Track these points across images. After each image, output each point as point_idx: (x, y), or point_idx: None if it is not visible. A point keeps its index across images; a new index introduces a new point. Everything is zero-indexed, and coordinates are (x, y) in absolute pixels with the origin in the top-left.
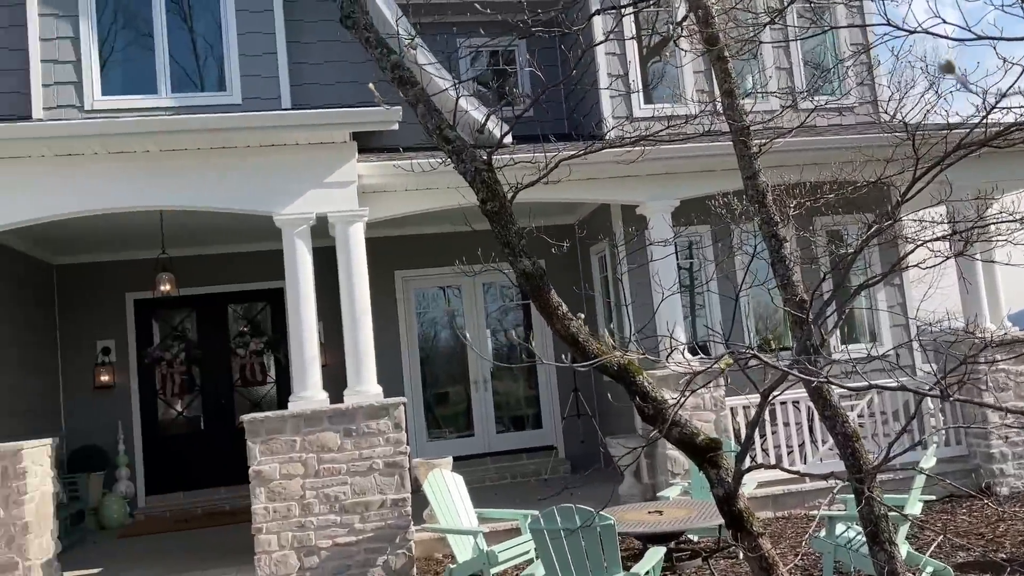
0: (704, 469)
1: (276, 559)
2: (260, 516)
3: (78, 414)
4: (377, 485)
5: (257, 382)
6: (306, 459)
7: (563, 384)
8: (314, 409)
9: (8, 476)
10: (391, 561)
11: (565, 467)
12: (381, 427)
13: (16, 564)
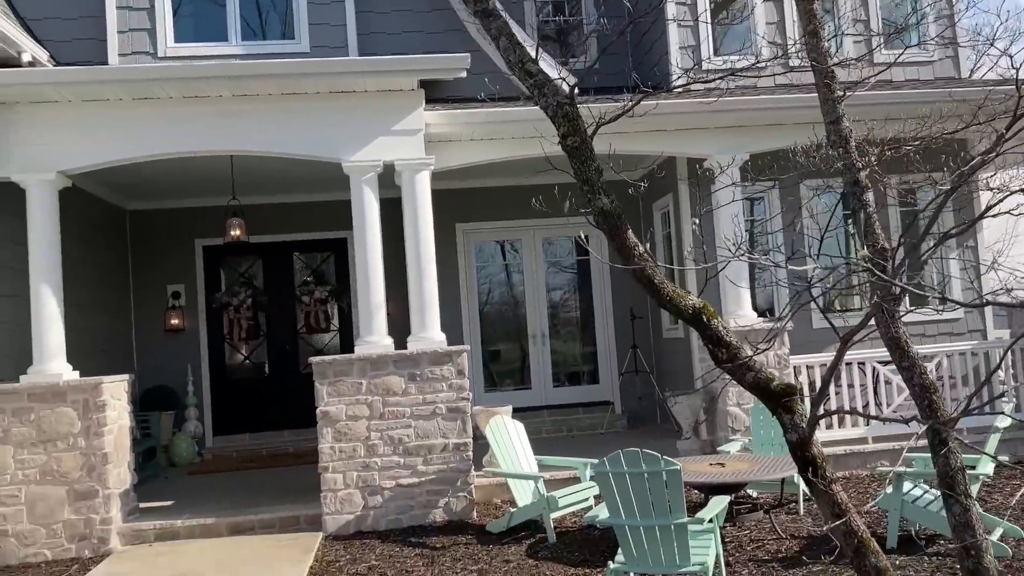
0: (778, 415)
1: (341, 497)
2: (326, 455)
3: (150, 355)
4: (440, 429)
5: (321, 329)
6: (371, 402)
7: (621, 341)
8: (380, 353)
9: (89, 408)
10: (452, 503)
11: (621, 422)
12: (444, 373)
13: (96, 492)
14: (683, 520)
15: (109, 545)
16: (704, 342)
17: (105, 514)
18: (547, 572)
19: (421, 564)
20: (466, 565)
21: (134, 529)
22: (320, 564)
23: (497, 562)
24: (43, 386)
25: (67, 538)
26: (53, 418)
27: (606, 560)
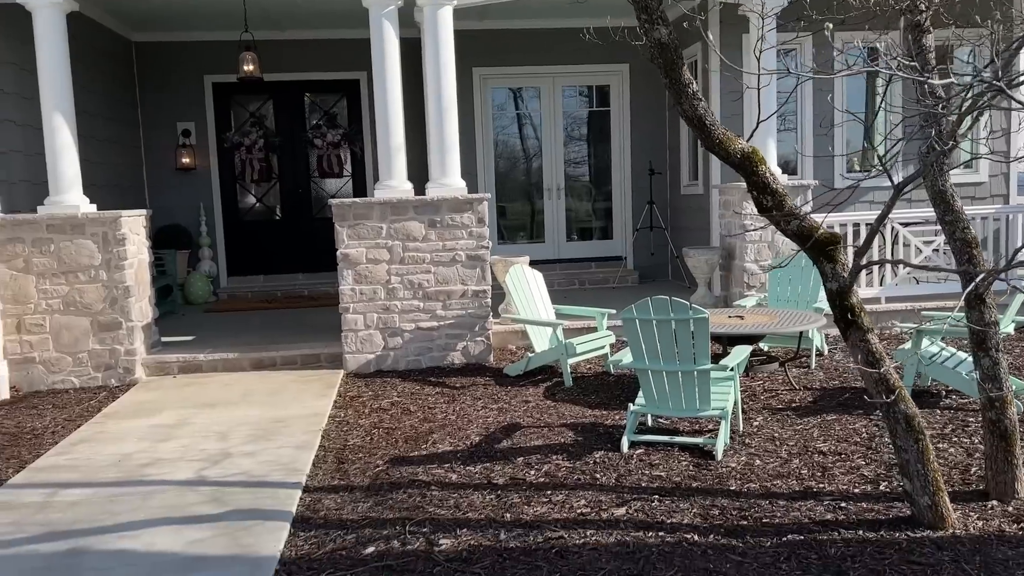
0: (819, 263)
1: (362, 337)
2: (347, 297)
3: (162, 194)
4: (459, 276)
5: (334, 174)
6: (391, 246)
7: (637, 197)
8: (400, 198)
9: (108, 242)
10: (470, 347)
11: (633, 277)
12: (464, 221)
13: (119, 324)
14: (707, 367)
15: (135, 375)
16: (749, 188)
17: (129, 345)
18: (565, 412)
19: (442, 401)
20: (486, 403)
21: (158, 361)
22: (344, 398)
23: (516, 401)
24: (61, 217)
25: (93, 367)
26: (73, 250)
27: (622, 403)
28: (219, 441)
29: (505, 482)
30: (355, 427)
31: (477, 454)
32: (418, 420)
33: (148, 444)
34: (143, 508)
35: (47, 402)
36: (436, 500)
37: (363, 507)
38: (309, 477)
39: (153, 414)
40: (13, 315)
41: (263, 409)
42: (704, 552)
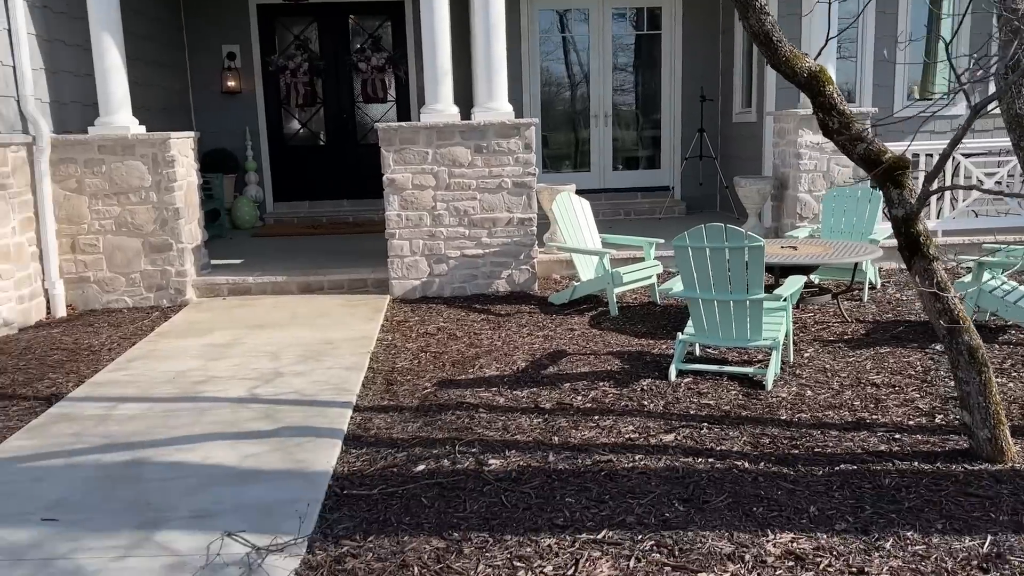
0: (886, 189)
1: (408, 263)
2: (393, 222)
3: (208, 117)
4: (505, 203)
5: (378, 99)
6: (437, 172)
7: (687, 125)
8: (446, 122)
9: (158, 163)
10: (515, 275)
11: (680, 208)
12: (511, 146)
13: (170, 245)
14: (760, 296)
15: (186, 296)
16: (815, 110)
17: (180, 267)
18: (611, 340)
19: (488, 327)
20: (531, 331)
21: (208, 283)
22: (390, 323)
23: (561, 329)
24: (112, 138)
25: (145, 288)
26: (124, 171)
27: (668, 333)
28: (270, 361)
29: (552, 407)
30: (403, 351)
31: (523, 379)
32: (464, 345)
33: (202, 363)
34: (198, 423)
35: (102, 320)
36: (484, 422)
37: (412, 427)
38: (359, 397)
39: (205, 334)
40: (68, 235)
41: (312, 331)
42: (755, 479)
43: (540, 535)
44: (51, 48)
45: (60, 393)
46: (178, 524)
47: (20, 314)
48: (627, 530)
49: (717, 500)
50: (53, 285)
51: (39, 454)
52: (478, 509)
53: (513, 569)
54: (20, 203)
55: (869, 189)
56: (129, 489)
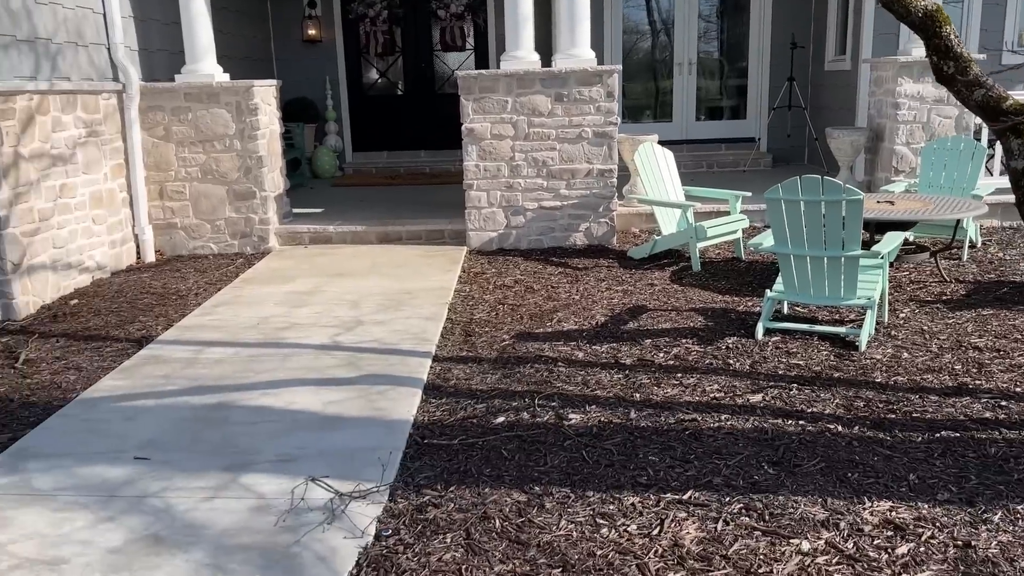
0: (1005, 139)
1: (485, 215)
2: (471, 173)
3: (289, 66)
4: (585, 154)
5: (456, 47)
6: (516, 121)
7: (775, 74)
8: (527, 70)
9: (242, 111)
10: (593, 228)
11: (766, 160)
12: (593, 95)
13: (254, 193)
14: (857, 253)
15: (268, 244)
16: (928, 53)
17: (263, 215)
18: (693, 296)
19: (565, 281)
20: (610, 285)
21: (290, 231)
22: (468, 274)
23: (641, 284)
24: (198, 86)
25: (230, 235)
26: (209, 118)
27: (753, 290)
28: (351, 309)
29: (633, 363)
30: (480, 302)
31: (603, 334)
32: (542, 298)
33: (284, 309)
34: (282, 369)
35: (189, 266)
36: (563, 376)
37: (492, 379)
38: (438, 347)
39: (287, 281)
40: (156, 182)
41: (391, 281)
42: (848, 443)
43: (623, 493)
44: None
45: (150, 336)
46: (263, 467)
47: (112, 258)
48: (714, 491)
49: (809, 464)
50: (143, 231)
51: (131, 394)
52: (559, 464)
53: (596, 526)
54: (111, 150)
55: (972, 141)
56: (216, 431)
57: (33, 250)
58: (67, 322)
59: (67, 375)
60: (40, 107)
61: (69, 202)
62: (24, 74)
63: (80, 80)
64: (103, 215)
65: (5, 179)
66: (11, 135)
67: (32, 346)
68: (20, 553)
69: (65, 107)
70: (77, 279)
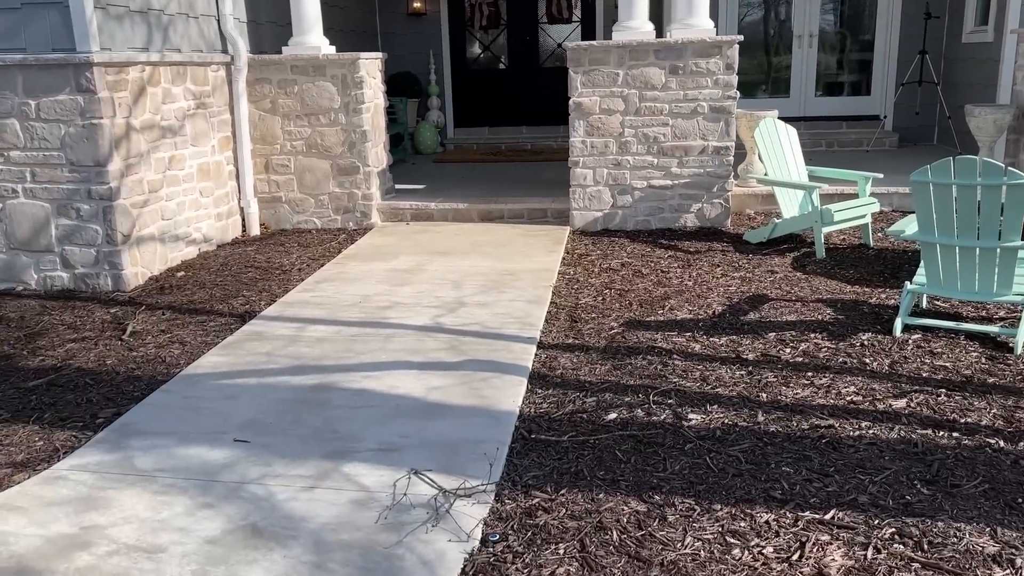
0: None
1: (590, 193)
2: (577, 150)
3: (392, 40)
4: (699, 130)
5: (562, 19)
6: (627, 95)
7: (905, 47)
8: (640, 40)
9: (347, 84)
10: (705, 209)
11: (892, 140)
12: (711, 67)
13: (357, 168)
14: (1016, 244)
15: (371, 220)
16: None
17: (366, 190)
18: (818, 286)
19: (676, 265)
20: (726, 271)
21: (392, 207)
22: (572, 255)
23: (760, 271)
24: (304, 58)
25: (333, 210)
26: (314, 91)
27: (885, 280)
28: (453, 289)
29: (756, 358)
30: (586, 285)
31: (721, 325)
32: (651, 284)
33: (386, 287)
34: (384, 350)
35: (292, 240)
36: (679, 370)
37: (601, 369)
38: (543, 333)
39: (389, 258)
40: (261, 155)
41: (493, 260)
42: (1015, 462)
43: (755, 508)
44: None
45: (253, 311)
46: (364, 456)
47: (219, 231)
48: (860, 512)
49: (969, 485)
50: (248, 204)
51: (233, 371)
52: (680, 470)
53: (726, 546)
54: (219, 122)
55: None
56: (317, 415)
57: (142, 222)
58: (173, 294)
59: (171, 349)
60: (151, 78)
61: (177, 174)
62: (136, 45)
63: (190, 52)
64: (210, 187)
65: (116, 151)
66: (123, 106)
67: (139, 318)
68: (119, 538)
69: (175, 79)
70: (184, 251)
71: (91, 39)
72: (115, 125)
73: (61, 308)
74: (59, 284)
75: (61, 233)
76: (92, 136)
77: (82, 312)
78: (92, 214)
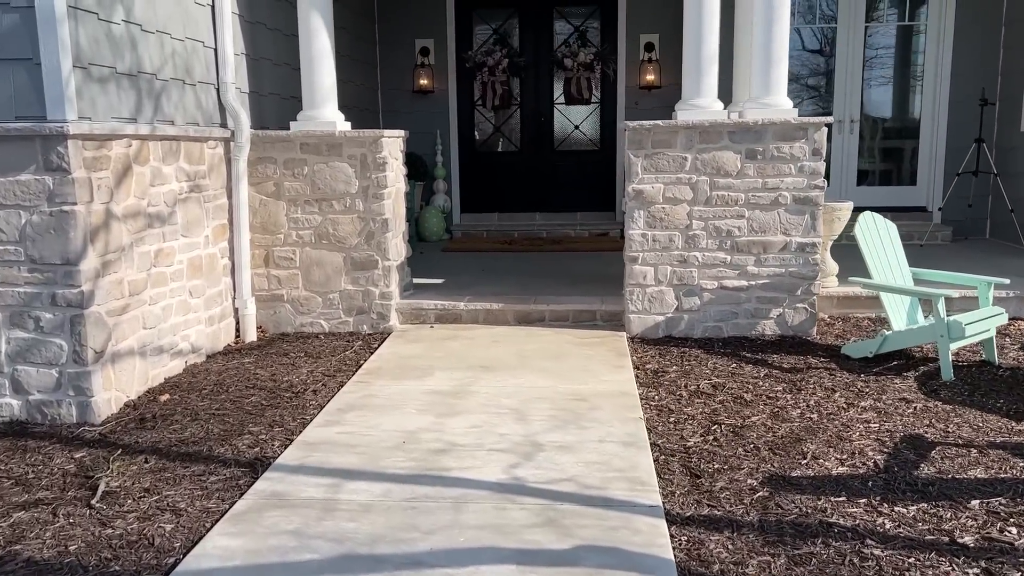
0: None
1: (651, 295)
2: (637, 244)
3: (396, 118)
4: (781, 223)
5: (582, 100)
6: (696, 182)
7: (953, 134)
8: (713, 120)
9: (367, 166)
10: (787, 315)
11: (944, 234)
12: (795, 152)
13: (375, 262)
14: None
15: (389, 322)
16: None
17: (385, 288)
18: (977, 422)
19: (780, 387)
20: (848, 398)
21: (412, 307)
22: (644, 372)
23: (889, 398)
24: (317, 135)
25: (344, 310)
26: (328, 173)
27: None
28: (517, 422)
29: (977, 543)
30: (684, 417)
31: (895, 484)
32: (766, 416)
33: (432, 419)
34: (457, 525)
35: (297, 348)
36: (885, 564)
37: (777, 566)
38: (662, 495)
39: (423, 375)
40: (261, 246)
41: (552, 379)
42: None
43: None
44: (253, 31)
45: (265, 456)
46: None
47: (209, 338)
48: None
49: None
50: (244, 304)
51: (254, 567)
52: None
53: None
54: (215, 208)
55: None
56: None
57: (120, 332)
58: (158, 430)
59: (161, 522)
60: (139, 155)
61: (165, 271)
62: (123, 115)
63: (185, 124)
64: (201, 286)
65: (92, 245)
66: (103, 189)
67: (114, 468)
68: None
69: (167, 156)
70: (169, 365)
71: (67, 105)
72: (92, 212)
73: (8, 451)
74: (7, 415)
75: (14, 349)
76: (62, 226)
77: (36, 457)
78: (56, 325)
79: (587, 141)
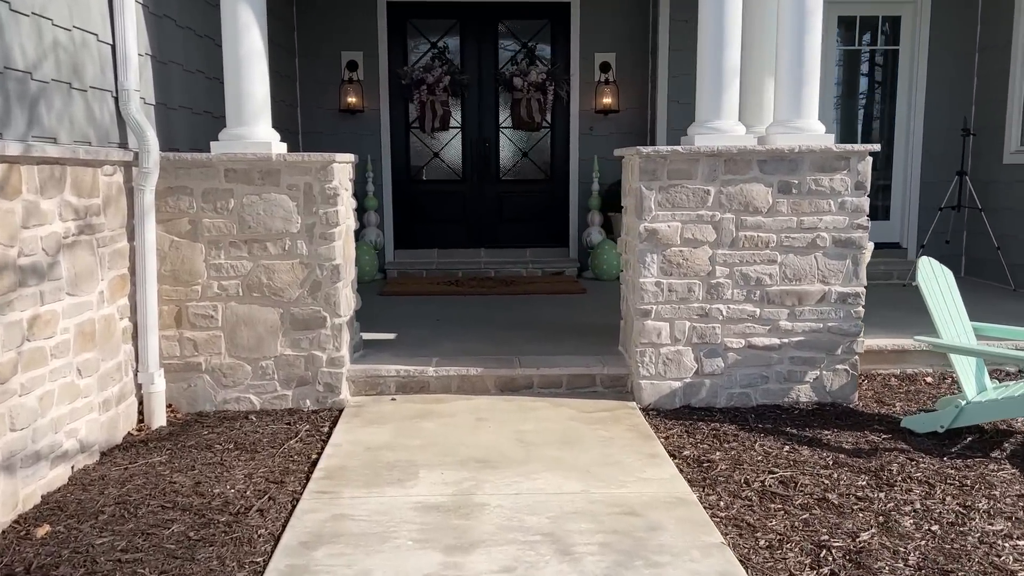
0: None
1: (666, 356)
2: (650, 294)
3: (319, 141)
4: (818, 269)
5: (532, 125)
6: (720, 220)
7: (929, 166)
8: (741, 147)
9: (313, 199)
10: (825, 378)
11: None
12: (835, 185)
13: (323, 320)
14: None
15: (340, 396)
16: None
17: (335, 352)
18: None
19: (864, 483)
20: (954, 495)
21: (368, 374)
22: (686, 464)
23: (1004, 495)
24: (248, 159)
25: (281, 381)
26: (262, 208)
27: None
28: (562, 560)
29: None
30: (774, 539)
31: None
32: (875, 530)
33: (440, 557)
34: None
35: (223, 438)
36: None
37: None
38: None
39: (404, 476)
40: (172, 300)
41: (576, 478)
42: None
43: None
44: (159, 26)
45: None
46: None
47: (104, 429)
48: None
49: None
50: (151, 379)
51: None
52: None
53: None
54: (112, 254)
55: None
56: None
57: None
58: None
59: None
60: (6, 185)
61: (43, 346)
62: None
63: (72, 143)
64: (94, 360)
65: None
66: None
67: None
68: None
69: (46, 185)
70: (48, 477)
71: None
72: None
73: None
74: None
75: None
76: None
77: None
78: None
79: (537, 170)
